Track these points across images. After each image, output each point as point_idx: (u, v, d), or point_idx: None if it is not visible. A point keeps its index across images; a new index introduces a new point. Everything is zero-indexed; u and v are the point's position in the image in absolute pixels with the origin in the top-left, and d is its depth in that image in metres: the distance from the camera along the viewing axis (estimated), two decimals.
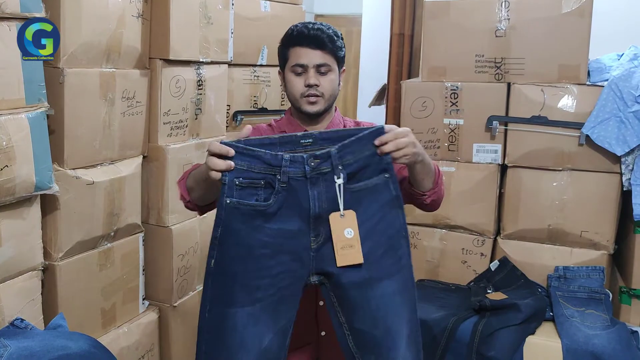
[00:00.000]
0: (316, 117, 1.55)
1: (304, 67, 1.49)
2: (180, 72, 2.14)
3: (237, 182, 1.24)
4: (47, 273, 1.72)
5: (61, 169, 1.73)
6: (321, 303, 1.55)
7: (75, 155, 1.77)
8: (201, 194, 1.39)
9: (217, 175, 1.23)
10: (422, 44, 2.43)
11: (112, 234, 1.94)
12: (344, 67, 1.58)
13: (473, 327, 1.99)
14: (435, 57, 2.37)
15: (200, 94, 2.25)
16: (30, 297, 1.62)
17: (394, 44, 3.35)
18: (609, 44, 2.50)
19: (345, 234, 1.27)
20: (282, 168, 1.24)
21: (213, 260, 1.27)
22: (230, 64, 2.46)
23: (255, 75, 2.68)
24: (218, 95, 2.36)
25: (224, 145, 1.23)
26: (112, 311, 1.98)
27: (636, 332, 2.00)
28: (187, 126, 2.22)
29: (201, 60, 2.21)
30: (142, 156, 2.09)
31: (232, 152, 1.23)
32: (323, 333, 1.59)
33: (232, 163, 1.23)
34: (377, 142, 1.29)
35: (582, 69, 2.22)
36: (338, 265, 1.28)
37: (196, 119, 2.26)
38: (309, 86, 1.48)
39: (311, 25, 1.50)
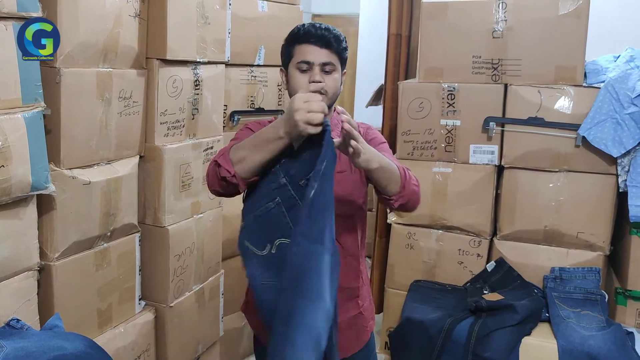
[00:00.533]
0: None
1: (310, 65, 1.48)
2: (177, 72, 2.14)
3: (290, 170, 1.29)
4: (43, 273, 1.72)
5: (57, 169, 1.72)
6: None
7: (71, 155, 1.77)
8: (258, 161, 1.32)
9: (316, 129, 1.22)
10: (419, 45, 2.44)
11: (109, 234, 1.93)
12: (345, 69, 1.58)
13: (469, 328, 2.00)
14: (433, 58, 2.37)
15: (197, 94, 2.25)
16: (26, 298, 1.62)
17: (391, 44, 3.34)
18: (605, 45, 2.51)
19: None
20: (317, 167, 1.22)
21: (313, 191, 1.21)
22: (227, 64, 2.45)
23: (252, 76, 2.68)
24: (215, 95, 2.36)
25: (322, 103, 1.24)
26: (109, 311, 1.97)
27: (632, 333, 2.01)
28: (184, 126, 2.22)
29: (198, 60, 2.21)
30: (138, 156, 2.09)
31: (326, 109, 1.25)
32: None
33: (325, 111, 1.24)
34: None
35: (579, 71, 2.23)
36: None
37: (193, 119, 2.25)
38: (315, 82, 1.47)
39: (318, 25, 1.51)
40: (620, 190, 2.18)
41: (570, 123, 2.20)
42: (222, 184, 1.36)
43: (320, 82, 1.46)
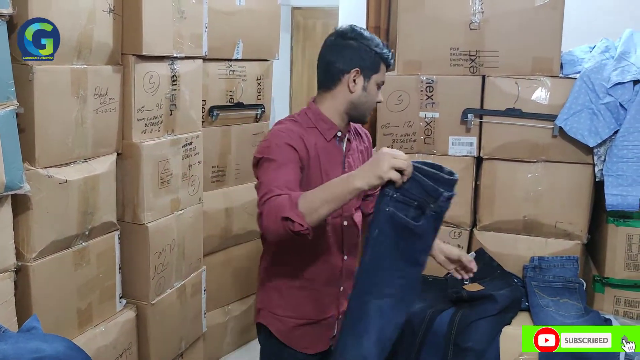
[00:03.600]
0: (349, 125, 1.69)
1: (380, 86, 1.63)
2: (153, 68, 2.11)
3: (394, 195, 1.38)
4: (20, 274, 1.70)
5: (32, 168, 1.70)
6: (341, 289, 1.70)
7: (47, 153, 1.74)
8: (330, 212, 1.40)
9: (397, 176, 1.33)
10: (397, 38, 2.43)
11: (87, 232, 1.91)
12: None
13: (450, 319, 2.01)
14: (411, 51, 2.37)
15: (175, 89, 2.23)
16: (3, 299, 1.59)
17: None
18: (581, 36, 2.53)
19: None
20: (439, 202, 1.36)
21: (367, 256, 1.43)
22: (204, 59, 2.44)
23: (230, 70, 2.66)
24: (193, 91, 2.34)
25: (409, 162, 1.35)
26: (89, 311, 1.95)
27: (609, 319, 2.04)
28: (161, 122, 2.20)
29: (175, 55, 2.19)
30: (116, 153, 2.07)
31: (411, 170, 1.36)
32: (341, 288, 1.70)
33: (410, 171, 1.35)
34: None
35: (555, 62, 2.24)
36: None
37: (171, 114, 2.23)
38: (379, 102, 1.67)
39: None
40: (597, 180, 2.20)
41: (547, 114, 2.22)
42: (290, 235, 1.38)
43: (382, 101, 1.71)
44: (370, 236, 1.42)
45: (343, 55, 1.58)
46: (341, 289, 1.69)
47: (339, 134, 1.64)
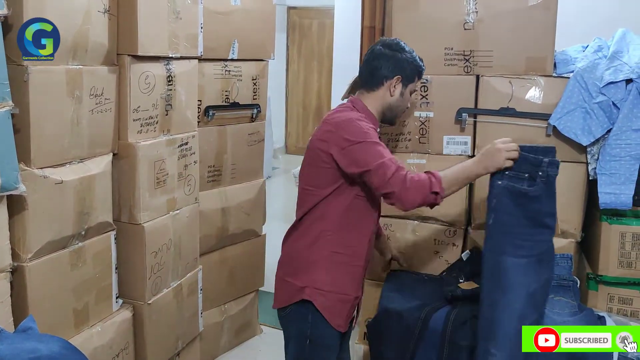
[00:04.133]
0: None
1: (412, 94, 1.98)
2: (149, 68, 2.12)
3: (506, 173, 1.76)
4: (16, 274, 1.70)
5: (28, 168, 1.70)
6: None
7: (42, 154, 1.75)
8: (457, 190, 1.78)
9: (512, 163, 1.73)
10: (392, 37, 2.44)
11: (83, 232, 1.92)
12: None
13: (446, 317, 2.02)
14: None
15: (171, 89, 2.24)
16: None
17: (365, 36, 3.36)
18: (574, 36, 2.55)
19: None
20: (542, 167, 1.74)
21: (491, 221, 1.79)
22: (200, 59, 2.44)
23: (226, 70, 2.67)
24: (188, 91, 2.35)
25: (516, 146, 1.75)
26: (85, 311, 1.96)
27: (603, 317, 2.05)
28: (157, 122, 2.20)
29: (170, 55, 2.20)
30: (112, 154, 2.07)
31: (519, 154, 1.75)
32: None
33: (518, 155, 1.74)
34: None
35: (549, 61, 2.25)
36: None
37: (167, 115, 2.24)
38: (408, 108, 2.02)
39: None
40: (590, 178, 2.21)
41: (541, 113, 2.23)
42: (424, 205, 1.74)
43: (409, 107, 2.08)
44: (489, 205, 1.79)
45: (389, 63, 1.88)
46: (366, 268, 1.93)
47: (378, 130, 1.90)
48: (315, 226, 1.84)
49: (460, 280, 2.24)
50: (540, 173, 1.74)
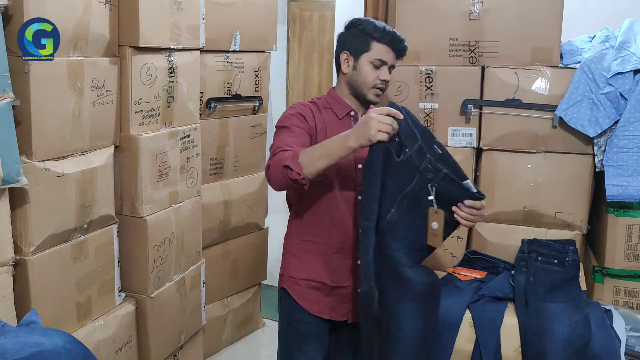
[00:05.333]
0: (368, 106, 1.83)
1: (384, 64, 1.76)
2: (151, 60, 2.10)
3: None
4: (19, 268, 1.69)
5: (30, 161, 1.68)
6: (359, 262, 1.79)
7: (44, 146, 1.73)
8: (325, 167, 1.57)
9: (385, 137, 1.52)
10: (395, 28, 2.41)
11: (85, 226, 1.90)
12: None
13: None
14: (409, 41, 2.32)
15: (172, 81, 2.21)
16: (2, 294, 1.59)
17: None
18: (580, 26, 2.52)
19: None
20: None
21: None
22: (202, 51, 2.42)
23: (228, 62, 2.65)
24: (190, 83, 2.32)
25: (395, 110, 1.56)
26: (88, 304, 1.95)
27: (609, 310, 2.04)
28: (159, 114, 2.18)
29: (172, 47, 2.17)
30: (113, 146, 2.05)
31: (400, 115, 1.56)
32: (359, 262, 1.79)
33: (397, 127, 1.56)
34: (467, 203, 1.63)
35: (555, 52, 2.23)
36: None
37: (168, 107, 2.22)
38: (383, 81, 1.77)
39: (398, 34, 1.80)
40: (597, 170, 2.20)
41: (547, 104, 2.21)
42: (290, 184, 1.59)
43: (388, 80, 1.78)
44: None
45: (338, 42, 1.82)
46: (358, 262, 1.76)
47: (352, 113, 1.82)
48: (290, 216, 1.89)
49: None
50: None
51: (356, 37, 1.77)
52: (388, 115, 1.55)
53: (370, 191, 1.64)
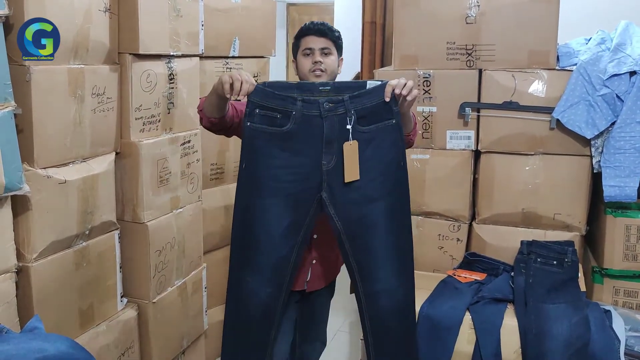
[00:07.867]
0: None
1: (312, 50, 1.90)
2: (150, 67, 2.11)
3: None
4: (21, 275, 1.70)
5: (31, 168, 1.70)
6: (315, 236, 1.91)
7: (45, 154, 1.74)
8: (211, 104, 1.76)
9: (227, 86, 1.61)
10: (393, 33, 2.43)
11: (87, 232, 1.92)
12: (342, 56, 1.97)
13: None
14: (407, 46, 2.38)
15: (172, 87, 2.23)
16: (5, 300, 1.60)
17: (366, 32, 3.35)
18: (577, 28, 2.54)
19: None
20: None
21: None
22: (201, 57, 2.43)
23: (227, 67, 2.66)
24: (190, 89, 2.34)
25: (248, 75, 1.63)
26: (90, 310, 1.96)
27: (609, 311, 2.05)
28: (159, 121, 2.20)
29: (172, 53, 2.19)
30: (114, 153, 2.07)
31: (252, 83, 1.63)
32: (315, 236, 1.90)
33: (237, 87, 1.61)
34: (388, 89, 1.62)
35: (552, 54, 2.25)
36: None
37: (169, 113, 2.23)
38: (315, 63, 1.88)
39: (316, 21, 1.95)
40: (595, 171, 2.21)
41: (544, 106, 2.23)
42: (200, 117, 1.86)
43: (320, 61, 1.88)
44: None
45: None
46: (315, 236, 1.89)
47: None
48: None
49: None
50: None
51: (293, 45, 1.99)
52: (248, 82, 1.62)
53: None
